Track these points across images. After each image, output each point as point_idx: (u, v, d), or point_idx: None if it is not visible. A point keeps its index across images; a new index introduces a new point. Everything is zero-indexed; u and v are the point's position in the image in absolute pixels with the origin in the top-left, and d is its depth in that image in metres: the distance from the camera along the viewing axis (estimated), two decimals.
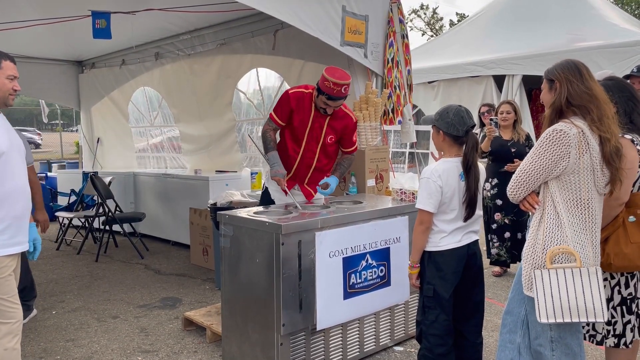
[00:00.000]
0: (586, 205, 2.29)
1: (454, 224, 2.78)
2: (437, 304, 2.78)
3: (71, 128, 31.78)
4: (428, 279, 2.80)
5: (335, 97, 3.60)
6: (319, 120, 3.79)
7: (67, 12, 5.43)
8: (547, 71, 2.45)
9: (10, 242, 2.69)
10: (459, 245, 2.79)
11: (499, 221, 5.14)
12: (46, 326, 4.24)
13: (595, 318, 2.25)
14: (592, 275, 2.25)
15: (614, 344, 2.64)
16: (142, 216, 6.93)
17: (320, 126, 3.81)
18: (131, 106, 8.82)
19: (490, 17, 10.19)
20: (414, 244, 2.82)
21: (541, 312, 2.27)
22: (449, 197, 2.74)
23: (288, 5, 4.06)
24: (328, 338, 3.29)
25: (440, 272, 2.76)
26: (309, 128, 3.80)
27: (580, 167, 2.26)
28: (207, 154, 7.67)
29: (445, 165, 2.77)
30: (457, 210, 2.77)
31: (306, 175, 3.94)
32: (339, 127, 3.86)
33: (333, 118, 3.82)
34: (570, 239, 2.27)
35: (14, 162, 2.72)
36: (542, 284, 2.27)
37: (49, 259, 6.45)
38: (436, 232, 2.79)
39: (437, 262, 2.77)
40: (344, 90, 3.59)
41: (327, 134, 3.83)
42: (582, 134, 2.24)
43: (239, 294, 3.30)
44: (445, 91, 9.39)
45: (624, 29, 7.90)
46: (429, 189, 2.73)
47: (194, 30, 6.53)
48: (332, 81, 3.54)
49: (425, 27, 31.71)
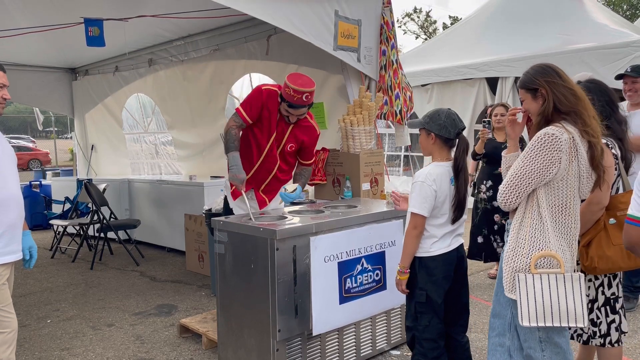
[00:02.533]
0: (570, 210, 2.30)
1: (444, 228, 2.78)
2: (430, 309, 2.77)
3: (65, 135, 31.70)
4: (420, 285, 2.77)
5: (296, 105, 3.43)
6: (283, 125, 3.64)
7: (60, 19, 5.42)
8: (524, 81, 2.39)
9: (4, 250, 2.68)
10: (450, 249, 2.79)
11: (498, 222, 5.13)
12: (41, 335, 4.22)
13: (576, 323, 2.26)
14: (574, 280, 2.26)
15: (600, 344, 2.67)
16: (137, 223, 6.91)
17: (283, 131, 3.65)
18: (125, 113, 8.81)
19: (482, 19, 10.25)
20: (406, 249, 2.78)
21: (524, 315, 2.28)
22: (441, 202, 2.74)
23: (281, 10, 4.07)
24: (324, 343, 3.28)
25: (432, 277, 2.75)
26: (276, 132, 3.64)
27: (569, 173, 2.26)
28: (202, 160, 7.66)
29: (438, 169, 2.76)
30: (447, 215, 2.77)
31: (264, 181, 3.78)
32: (300, 137, 3.69)
33: (297, 126, 3.67)
34: (553, 243, 2.28)
35: (6, 170, 2.71)
36: (525, 288, 2.27)
37: (43, 267, 6.42)
38: (427, 237, 2.77)
39: (428, 267, 2.76)
40: (306, 98, 3.41)
41: (288, 142, 3.67)
42: (572, 141, 2.24)
43: (234, 300, 3.29)
44: (439, 94, 9.43)
45: (615, 30, 7.96)
46: (424, 193, 2.71)
47: (187, 37, 6.54)
48: (293, 88, 3.37)
49: (418, 31, 31.85)
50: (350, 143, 4.50)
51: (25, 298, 5.21)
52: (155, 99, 8.08)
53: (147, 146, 8.81)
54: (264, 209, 3.81)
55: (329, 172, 4.64)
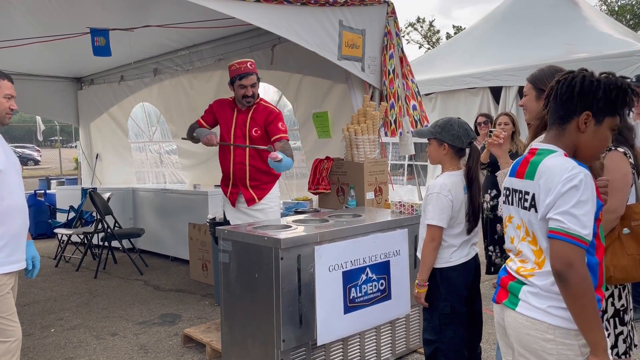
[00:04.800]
0: None
1: (461, 237, 2.77)
2: (455, 320, 2.74)
3: (70, 144, 31.83)
4: (444, 296, 2.74)
5: (244, 73, 3.77)
6: (242, 116, 3.93)
7: (66, 29, 5.47)
8: (536, 78, 2.37)
9: (8, 260, 2.68)
10: (468, 258, 2.79)
11: (499, 232, 5.12)
12: (45, 344, 4.21)
13: None
14: None
15: None
16: (141, 232, 6.91)
17: (243, 122, 3.92)
18: (131, 122, 8.85)
19: (486, 29, 10.28)
20: (424, 261, 2.75)
21: None
22: (457, 211, 2.73)
23: (285, 20, 4.09)
24: (329, 353, 3.26)
25: (454, 288, 2.73)
26: (234, 126, 3.93)
27: None
28: (206, 169, 7.67)
29: (452, 179, 2.75)
30: (463, 224, 2.76)
31: (244, 176, 3.92)
32: (261, 120, 3.90)
33: (255, 112, 3.91)
34: None
35: (11, 180, 2.73)
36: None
37: (47, 276, 6.42)
38: (446, 247, 2.75)
39: (449, 277, 2.73)
40: (250, 65, 3.81)
41: (251, 127, 3.89)
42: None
43: (238, 310, 3.28)
44: (443, 103, 9.43)
45: (618, 40, 7.97)
46: (441, 204, 2.69)
47: (192, 46, 6.58)
48: (235, 62, 3.81)
49: (422, 40, 31.95)
50: (355, 152, 4.50)
51: (29, 307, 5.21)
52: (160, 108, 8.11)
53: (152, 155, 8.84)
54: (264, 219, 3.83)
55: (333, 181, 4.64)
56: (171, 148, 8.44)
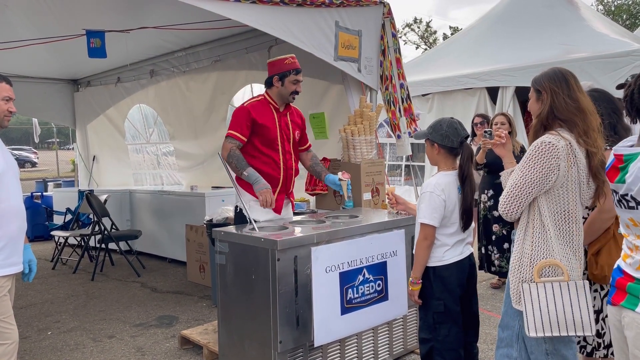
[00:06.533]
0: (573, 217, 2.30)
1: (455, 237, 2.79)
2: (449, 318, 2.75)
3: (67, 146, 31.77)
4: (437, 295, 2.76)
5: (298, 68, 3.67)
6: (284, 119, 3.75)
7: (62, 31, 5.45)
8: (535, 80, 2.42)
9: (5, 262, 2.68)
10: (462, 257, 2.80)
11: (497, 232, 5.13)
12: (41, 347, 4.20)
13: (583, 331, 2.24)
14: (579, 288, 2.25)
15: (604, 355, 2.65)
16: (138, 234, 6.90)
17: (286, 124, 3.76)
18: (127, 123, 8.84)
19: (483, 30, 10.28)
20: (417, 260, 2.77)
21: (530, 326, 2.26)
22: (451, 211, 2.74)
23: (281, 21, 4.09)
24: (326, 354, 3.26)
25: (447, 286, 2.75)
26: (279, 130, 3.70)
27: (569, 179, 2.26)
28: (203, 170, 7.67)
29: (445, 179, 2.77)
30: (457, 224, 2.77)
31: (292, 182, 3.84)
32: (299, 121, 3.85)
33: (291, 114, 3.82)
34: (557, 251, 2.27)
35: (9, 182, 2.72)
36: (530, 298, 2.26)
37: (44, 278, 6.40)
38: (439, 245, 2.77)
39: (442, 276, 2.75)
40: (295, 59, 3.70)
41: (294, 130, 3.80)
42: (569, 147, 2.25)
43: (235, 311, 3.28)
44: (440, 103, 9.43)
45: (615, 40, 7.98)
46: (433, 203, 2.71)
47: (189, 48, 6.57)
48: (289, 56, 3.66)
49: (419, 41, 32.00)
50: (352, 153, 4.50)
51: (26, 310, 5.20)
52: (157, 110, 8.11)
53: (149, 157, 8.83)
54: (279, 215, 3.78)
55: None
56: (168, 149, 8.43)
